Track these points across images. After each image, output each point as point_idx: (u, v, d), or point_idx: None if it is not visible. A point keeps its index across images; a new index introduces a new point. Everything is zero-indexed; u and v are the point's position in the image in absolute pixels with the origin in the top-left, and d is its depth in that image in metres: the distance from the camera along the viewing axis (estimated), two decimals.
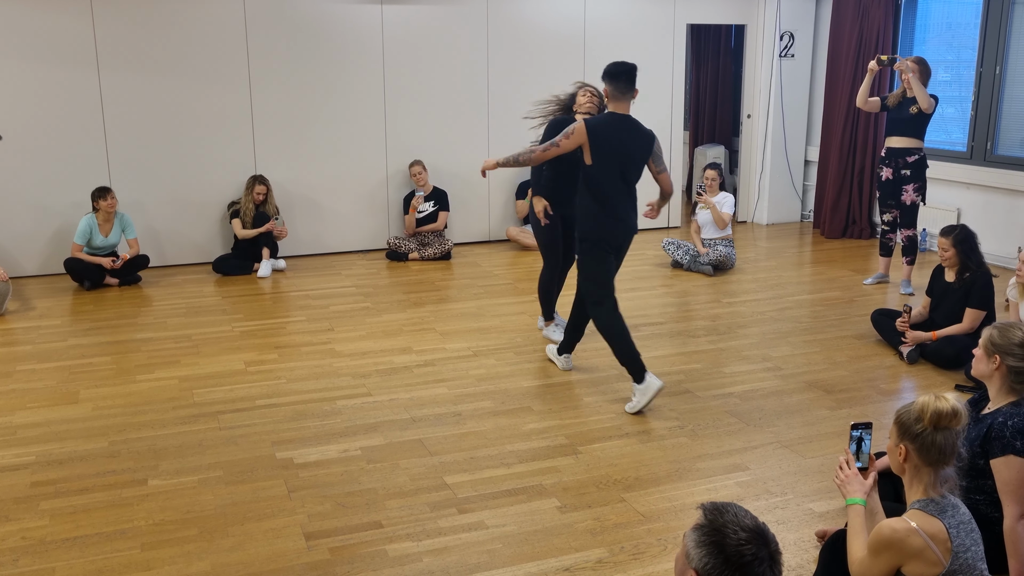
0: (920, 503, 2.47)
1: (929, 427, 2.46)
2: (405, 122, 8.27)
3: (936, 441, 2.45)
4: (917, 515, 2.44)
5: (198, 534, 3.42)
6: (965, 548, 2.40)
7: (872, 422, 3.04)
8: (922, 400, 2.50)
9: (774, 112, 9.34)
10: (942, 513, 2.43)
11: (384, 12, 7.99)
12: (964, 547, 2.40)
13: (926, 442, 2.46)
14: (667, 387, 4.90)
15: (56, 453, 4.12)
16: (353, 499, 3.68)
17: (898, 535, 2.40)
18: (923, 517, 2.42)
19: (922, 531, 2.39)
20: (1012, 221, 7.56)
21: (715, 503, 1.89)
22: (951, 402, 2.48)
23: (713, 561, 1.79)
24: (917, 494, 2.50)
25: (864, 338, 5.75)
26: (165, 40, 7.42)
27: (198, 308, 6.50)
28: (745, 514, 1.85)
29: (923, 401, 2.50)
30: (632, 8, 8.79)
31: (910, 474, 2.53)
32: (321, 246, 8.29)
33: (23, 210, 7.32)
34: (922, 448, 2.47)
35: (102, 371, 5.22)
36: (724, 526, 1.82)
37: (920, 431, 2.47)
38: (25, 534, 3.42)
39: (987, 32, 7.63)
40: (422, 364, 5.30)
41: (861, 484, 2.75)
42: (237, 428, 4.39)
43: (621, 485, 3.80)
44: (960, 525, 2.43)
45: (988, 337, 3.03)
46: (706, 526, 1.84)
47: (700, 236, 7.71)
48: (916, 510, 2.46)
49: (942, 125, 8.33)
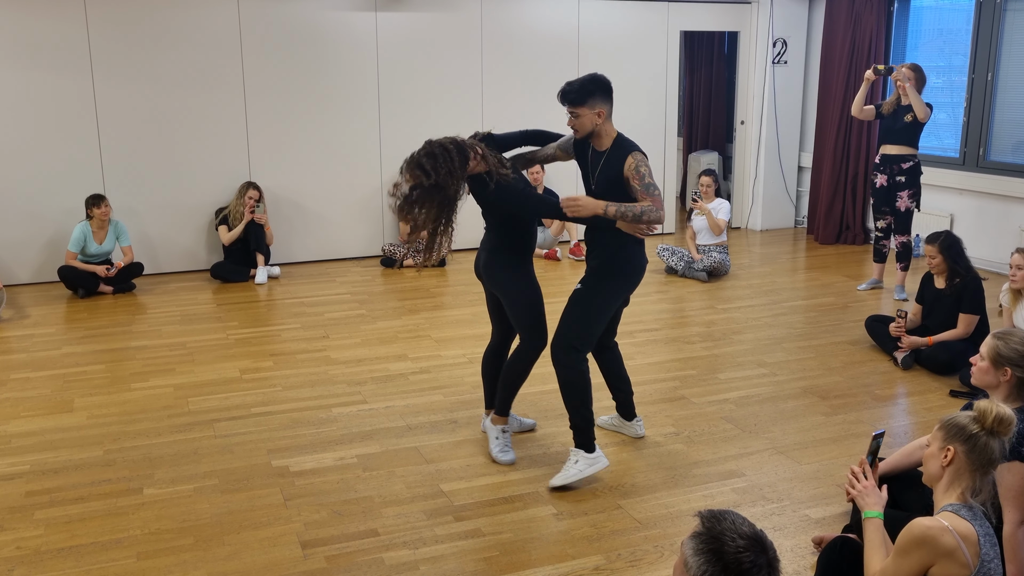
0: (952, 507, 2.47)
1: (986, 430, 2.47)
2: (399, 129, 8.27)
3: (989, 445, 2.47)
4: (950, 516, 2.43)
5: (194, 543, 3.41)
6: (989, 559, 2.41)
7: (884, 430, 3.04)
8: (982, 404, 2.51)
9: (767, 118, 9.37)
10: (974, 519, 2.43)
11: (378, 19, 8.00)
12: (988, 558, 2.41)
13: (979, 444, 2.47)
14: (663, 394, 4.90)
15: (51, 462, 4.11)
16: (349, 507, 3.68)
17: (932, 532, 2.38)
18: (956, 519, 2.42)
19: (955, 531, 2.38)
20: (1004, 227, 7.59)
21: (712, 510, 1.88)
22: (1009, 409, 2.50)
23: (711, 569, 1.79)
24: (951, 499, 2.50)
25: (858, 344, 5.76)
26: (160, 47, 7.41)
27: (193, 316, 6.49)
28: (743, 521, 1.85)
29: (983, 405, 2.51)
30: (626, 15, 8.81)
31: (948, 478, 2.52)
32: (316, 253, 8.28)
33: (17, 218, 7.30)
34: (973, 450, 2.47)
35: (97, 379, 5.20)
36: (722, 533, 1.82)
37: (975, 432, 2.48)
38: (20, 544, 3.41)
39: (979, 38, 7.67)
40: (418, 371, 5.29)
41: (879, 496, 2.74)
42: (232, 436, 4.38)
43: (617, 492, 3.80)
44: (987, 536, 2.44)
45: (995, 349, 3.00)
46: (704, 534, 1.84)
47: (695, 242, 7.72)
48: (948, 512, 2.45)
49: (935, 131, 8.37)
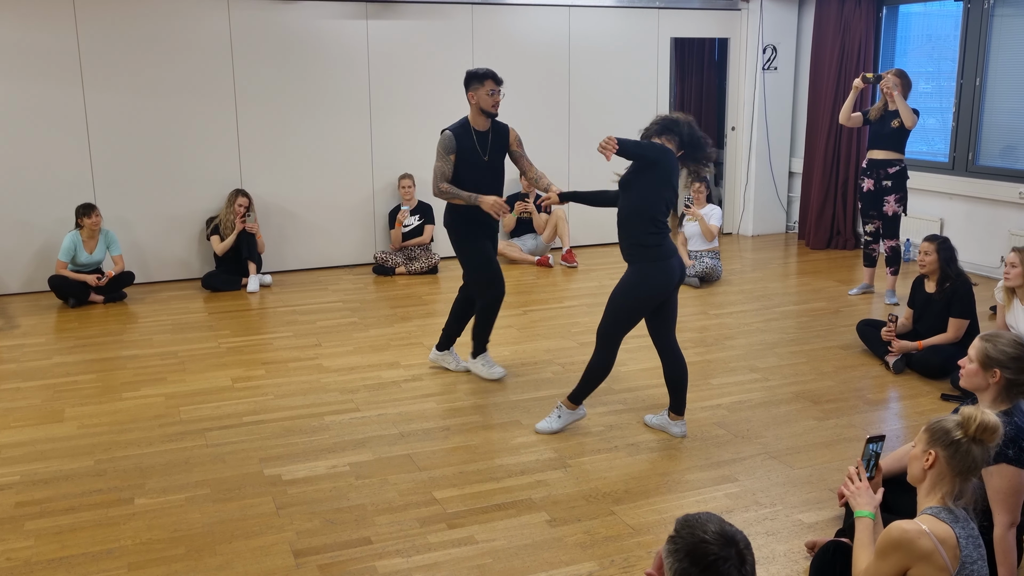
0: (933, 510, 2.47)
1: (969, 437, 2.46)
2: (391, 137, 8.27)
3: (971, 452, 2.46)
4: (929, 519, 2.44)
5: (186, 553, 3.39)
6: (972, 561, 2.41)
7: (885, 435, 3.04)
8: (967, 410, 2.50)
9: (758, 124, 9.40)
10: (955, 522, 2.43)
11: (369, 27, 8.01)
12: (971, 560, 2.41)
13: (961, 451, 2.46)
14: (656, 400, 4.91)
15: (41, 472, 4.09)
16: (342, 515, 3.66)
17: (908, 535, 2.39)
18: (934, 522, 2.43)
19: (932, 534, 2.39)
20: (994, 231, 7.62)
21: (686, 515, 1.95)
22: (995, 417, 2.49)
23: (680, 565, 1.85)
24: (932, 502, 2.50)
25: (850, 348, 5.78)
26: (150, 55, 7.40)
27: (184, 324, 6.47)
28: (714, 520, 1.91)
29: (968, 412, 2.50)
30: (616, 22, 8.84)
31: (931, 481, 2.52)
32: (307, 261, 8.27)
33: (7, 227, 7.27)
34: (955, 456, 2.47)
35: (87, 389, 5.18)
36: (691, 531, 1.88)
37: (958, 439, 2.47)
38: (10, 555, 3.39)
39: (967, 44, 7.71)
40: (410, 379, 5.29)
41: (871, 497, 2.75)
42: (224, 445, 4.37)
43: (611, 498, 3.80)
44: (970, 538, 2.44)
45: (983, 351, 3.01)
46: (674, 535, 1.90)
47: (686, 248, 7.74)
48: (928, 515, 2.46)
49: (924, 136, 8.41)
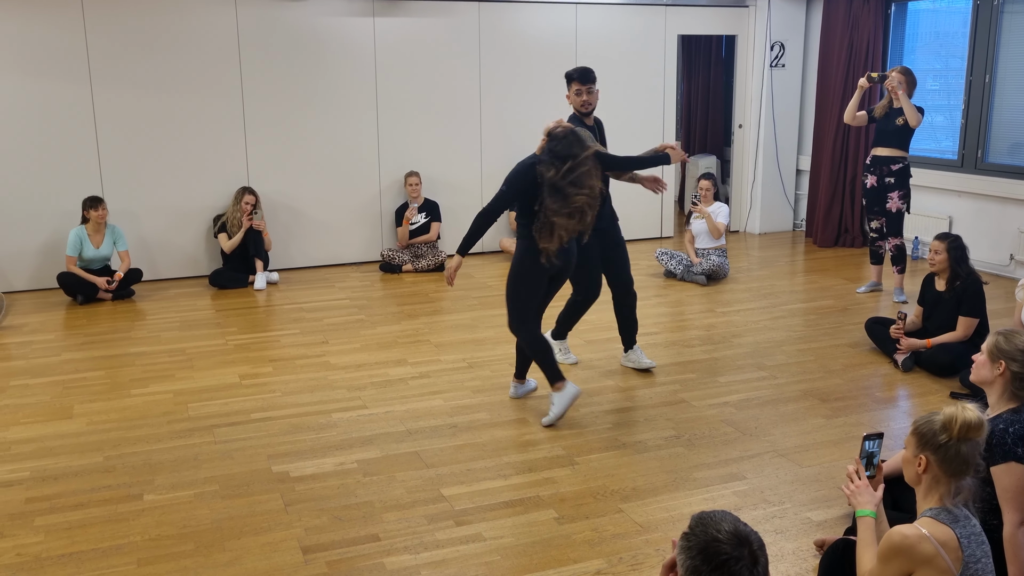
0: (933, 511, 2.46)
1: (955, 438, 2.44)
2: (398, 134, 8.27)
3: (960, 452, 2.44)
4: (928, 522, 2.42)
5: (194, 549, 3.40)
6: (976, 559, 2.39)
7: (883, 432, 3.03)
8: (948, 411, 2.48)
9: (765, 122, 9.38)
10: (954, 522, 2.42)
11: (376, 24, 8.01)
12: (975, 558, 2.39)
13: (950, 453, 2.44)
14: (663, 398, 4.90)
15: (50, 469, 4.10)
16: (350, 512, 3.67)
17: (909, 541, 2.38)
18: (934, 524, 2.41)
19: (933, 538, 2.37)
20: (1003, 229, 7.60)
21: (703, 511, 1.94)
22: (976, 412, 2.46)
23: (693, 563, 1.84)
24: (931, 503, 2.49)
25: (858, 346, 5.76)
26: (158, 52, 7.42)
27: (192, 322, 6.48)
28: (729, 519, 1.90)
29: (949, 412, 2.47)
30: (623, 19, 8.83)
31: (927, 485, 2.50)
32: (314, 259, 8.28)
33: (16, 224, 7.29)
34: (945, 459, 2.44)
35: (96, 386, 5.19)
36: (705, 530, 1.87)
37: (944, 442, 2.44)
38: (20, 551, 3.40)
39: (976, 41, 7.68)
40: (417, 376, 5.29)
41: (871, 496, 2.74)
42: (232, 442, 4.38)
43: (618, 496, 3.79)
44: (971, 536, 2.42)
45: (994, 343, 3.02)
46: (688, 532, 1.90)
47: (693, 246, 7.73)
48: (928, 518, 2.44)
49: (932, 133, 8.38)
